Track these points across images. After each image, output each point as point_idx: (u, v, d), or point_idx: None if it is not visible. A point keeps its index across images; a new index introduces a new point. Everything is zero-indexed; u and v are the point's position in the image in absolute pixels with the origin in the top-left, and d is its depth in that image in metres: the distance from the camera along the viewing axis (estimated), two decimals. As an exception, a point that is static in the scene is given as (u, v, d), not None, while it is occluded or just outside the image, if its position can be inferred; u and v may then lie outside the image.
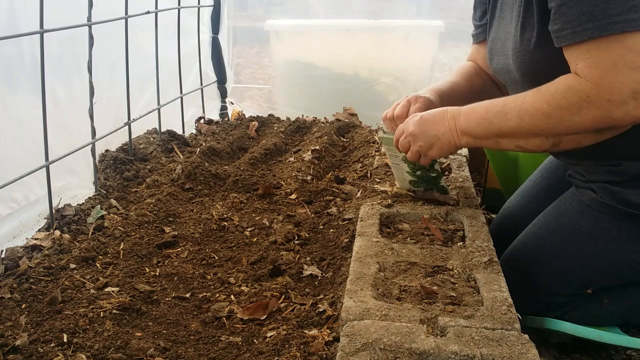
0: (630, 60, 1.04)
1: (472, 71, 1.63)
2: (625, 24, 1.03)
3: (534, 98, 1.17)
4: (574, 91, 1.10)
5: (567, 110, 1.11)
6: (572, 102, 1.10)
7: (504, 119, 1.22)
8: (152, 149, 2.40)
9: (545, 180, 1.59)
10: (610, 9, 1.04)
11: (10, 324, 1.24)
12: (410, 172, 1.50)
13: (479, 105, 1.30)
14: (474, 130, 1.30)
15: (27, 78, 1.71)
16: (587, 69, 1.08)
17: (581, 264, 1.28)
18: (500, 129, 1.24)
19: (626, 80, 1.04)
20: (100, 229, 1.70)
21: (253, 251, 1.62)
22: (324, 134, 2.63)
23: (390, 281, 1.17)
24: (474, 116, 1.29)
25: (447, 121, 1.34)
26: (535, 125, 1.18)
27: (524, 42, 1.23)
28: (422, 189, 1.54)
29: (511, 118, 1.21)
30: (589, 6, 1.05)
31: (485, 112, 1.27)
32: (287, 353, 1.13)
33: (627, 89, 1.05)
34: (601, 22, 1.04)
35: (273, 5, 3.32)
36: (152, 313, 1.31)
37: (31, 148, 1.71)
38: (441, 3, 3.12)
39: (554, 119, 1.14)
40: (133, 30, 2.14)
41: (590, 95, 1.07)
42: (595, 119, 1.10)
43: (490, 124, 1.26)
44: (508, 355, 0.91)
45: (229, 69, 3.25)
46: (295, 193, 2.00)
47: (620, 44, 1.04)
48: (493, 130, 1.26)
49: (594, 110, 1.08)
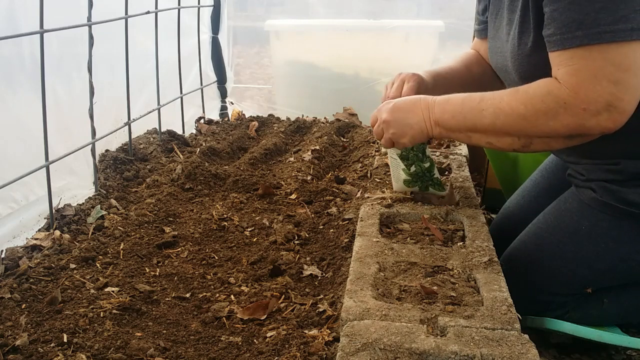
0: (610, 73, 1.05)
1: (473, 59, 1.63)
2: (614, 34, 1.04)
3: (511, 98, 1.18)
4: (552, 96, 1.11)
5: (543, 114, 1.13)
6: (549, 106, 1.11)
7: (479, 115, 1.23)
8: (152, 149, 2.40)
9: (545, 180, 1.59)
10: (600, 19, 1.04)
11: (10, 324, 1.24)
12: (405, 169, 1.50)
13: (455, 98, 1.29)
14: (448, 122, 1.30)
15: (27, 78, 1.71)
16: (567, 75, 1.09)
17: (581, 263, 1.28)
18: (474, 124, 1.25)
19: (603, 92, 1.06)
20: (100, 229, 1.70)
21: (253, 251, 1.62)
22: (324, 134, 2.63)
23: (390, 281, 1.17)
24: (448, 108, 1.29)
25: (421, 111, 1.34)
26: (509, 125, 1.19)
27: (522, 46, 1.23)
28: (417, 188, 1.54)
29: (486, 115, 1.22)
30: (579, 14, 1.06)
31: (461, 106, 1.27)
32: (287, 353, 1.13)
33: (603, 100, 1.06)
34: (590, 31, 1.05)
35: (273, 5, 3.32)
36: (152, 313, 1.31)
37: (31, 148, 1.71)
38: (441, 3, 3.11)
39: (528, 121, 1.16)
40: (133, 30, 2.14)
41: (567, 102, 1.09)
42: (568, 125, 1.11)
43: (465, 118, 1.26)
44: (508, 355, 0.91)
45: (229, 69, 3.25)
46: (295, 193, 2.00)
47: (603, 55, 1.06)
48: (467, 125, 1.26)
49: (568, 117, 1.10)
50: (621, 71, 1.05)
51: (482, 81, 1.59)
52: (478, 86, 1.59)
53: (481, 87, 1.59)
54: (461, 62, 1.63)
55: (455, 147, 2.02)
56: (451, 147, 2.02)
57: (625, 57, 1.05)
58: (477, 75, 1.61)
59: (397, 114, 1.36)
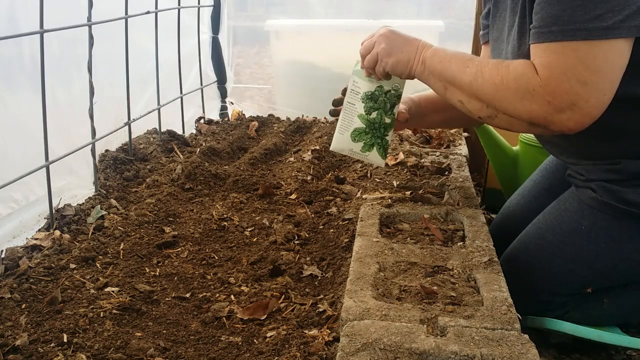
0: (579, 73, 1.06)
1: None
2: (589, 32, 1.04)
3: (493, 68, 1.19)
4: (525, 79, 1.12)
5: (513, 92, 1.14)
6: (519, 87, 1.13)
7: (462, 70, 1.25)
8: (152, 149, 2.40)
9: (545, 180, 1.59)
10: (577, 16, 1.05)
11: (10, 324, 1.24)
12: (362, 115, 1.45)
13: (448, 49, 1.33)
14: (433, 65, 1.32)
15: (27, 78, 1.71)
16: (540, 67, 1.10)
17: (581, 263, 1.28)
18: (454, 77, 1.27)
19: (570, 90, 1.07)
20: (100, 229, 1.70)
21: (253, 251, 1.62)
22: (324, 134, 2.63)
23: (390, 281, 1.17)
24: (440, 54, 1.32)
25: (417, 45, 1.36)
26: (482, 91, 1.21)
27: (522, 47, 1.23)
28: (362, 144, 1.46)
29: (468, 73, 1.24)
30: (557, 9, 1.07)
31: (451, 55, 1.30)
32: (287, 353, 1.13)
33: (568, 98, 1.07)
34: (566, 27, 1.06)
35: (273, 5, 3.32)
36: (152, 313, 1.31)
37: (31, 148, 1.71)
38: (441, 3, 3.11)
39: (499, 94, 1.17)
40: (133, 30, 2.14)
41: (535, 90, 1.10)
42: (531, 112, 1.13)
43: (449, 67, 1.29)
44: (508, 355, 0.91)
45: (229, 69, 3.25)
46: (295, 193, 2.00)
47: (575, 54, 1.06)
48: (448, 74, 1.29)
49: (533, 105, 1.12)
50: (590, 72, 1.06)
51: None
52: None
53: None
54: None
55: (455, 147, 2.03)
56: (451, 147, 2.02)
57: (596, 58, 1.06)
58: None
59: (396, 35, 1.38)
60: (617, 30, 1.04)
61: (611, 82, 1.08)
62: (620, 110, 1.12)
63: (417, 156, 1.88)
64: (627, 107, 1.15)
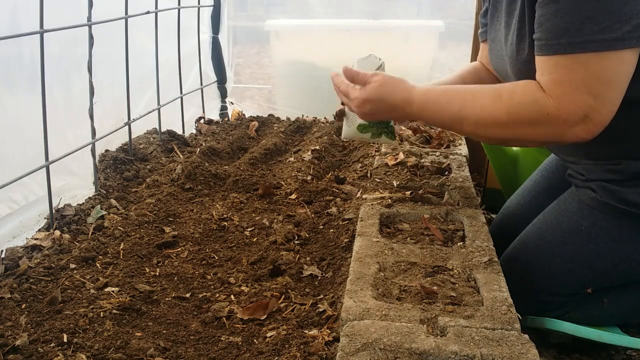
0: (590, 86, 1.07)
1: (471, 70, 1.63)
2: (597, 44, 1.05)
3: (494, 107, 1.18)
4: (537, 106, 1.12)
5: (526, 123, 1.14)
6: (532, 116, 1.13)
7: (459, 122, 1.25)
8: (152, 149, 2.40)
9: (545, 180, 1.59)
10: (585, 28, 1.05)
11: (10, 324, 1.24)
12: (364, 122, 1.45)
13: (436, 102, 1.27)
14: (426, 119, 1.35)
15: (26, 78, 1.71)
16: (551, 84, 1.10)
17: (581, 263, 1.28)
18: (452, 127, 1.31)
19: (582, 103, 1.07)
20: (100, 229, 1.70)
21: (253, 251, 1.62)
22: (324, 134, 2.63)
23: (390, 281, 1.17)
24: (428, 108, 1.28)
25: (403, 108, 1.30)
26: (489, 132, 1.22)
27: (520, 52, 1.23)
28: (370, 134, 1.47)
29: (467, 125, 1.23)
30: (565, 22, 1.07)
31: (441, 112, 1.26)
32: (287, 353, 1.13)
33: (581, 111, 1.08)
34: (575, 40, 1.06)
35: (273, 5, 3.32)
36: (152, 313, 1.31)
37: (31, 148, 1.71)
38: (441, 3, 3.11)
39: (509, 130, 1.17)
40: (133, 30, 2.14)
41: (550, 113, 1.10)
42: (547, 134, 1.14)
43: (443, 123, 1.33)
44: (508, 355, 0.91)
45: (229, 69, 3.25)
46: (295, 193, 2.00)
47: (585, 67, 1.06)
48: (445, 126, 1.33)
49: (549, 127, 1.12)
50: (601, 84, 1.07)
51: None
52: None
53: None
54: (457, 74, 1.63)
55: (455, 147, 2.02)
56: (451, 147, 2.02)
57: (606, 70, 1.06)
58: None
59: (380, 102, 1.31)
60: (626, 41, 1.04)
61: (620, 90, 1.09)
62: (623, 112, 1.12)
63: (417, 156, 1.88)
64: (629, 109, 1.15)
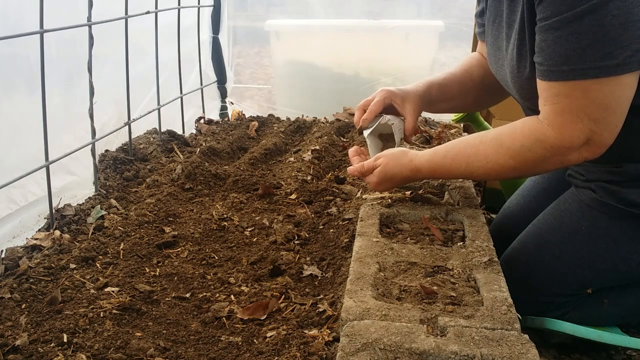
0: (591, 112, 1.09)
1: (474, 61, 1.62)
2: (599, 70, 1.06)
3: (498, 156, 1.23)
4: (540, 143, 1.16)
5: (533, 162, 1.19)
6: (538, 154, 1.17)
7: (470, 176, 1.39)
8: (152, 149, 2.40)
9: (545, 180, 1.59)
10: (587, 55, 1.06)
11: (10, 324, 1.24)
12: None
13: (441, 165, 1.34)
14: (439, 177, 1.52)
15: (26, 77, 1.71)
16: (552, 114, 1.13)
17: (581, 263, 1.28)
18: (467, 179, 1.49)
19: (584, 129, 1.11)
20: (100, 229, 1.70)
21: (253, 251, 1.62)
22: (324, 134, 2.63)
23: (390, 281, 1.17)
24: (440, 171, 1.36)
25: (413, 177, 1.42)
26: (500, 177, 1.35)
27: (521, 69, 1.23)
28: None
29: (478, 176, 1.34)
30: (566, 49, 1.08)
31: (450, 170, 1.34)
32: (287, 353, 1.13)
33: (583, 136, 1.11)
34: (577, 67, 1.07)
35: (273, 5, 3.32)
36: (152, 313, 1.31)
37: (31, 148, 1.71)
38: (441, 3, 3.11)
39: (520, 170, 1.24)
40: (133, 30, 2.14)
41: (553, 145, 1.14)
42: (554, 163, 1.18)
43: (457, 178, 1.52)
44: (508, 355, 0.91)
45: (229, 69, 3.25)
46: (295, 193, 2.00)
47: (585, 94, 1.08)
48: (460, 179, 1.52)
49: (555, 157, 1.16)
50: (601, 109, 1.09)
51: (483, 85, 1.58)
52: (478, 92, 1.59)
53: (482, 92, 1.59)
54: (461, 66, 1.63)
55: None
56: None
57: (606, 95, 1.08)
58: (478, 79, 1.59)
59: (390, 177, 1.43)
60: (627, 66, 1.05)
61: (621, 113, 1.11)
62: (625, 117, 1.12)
63: (417, 156, 1.87)
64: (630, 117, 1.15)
